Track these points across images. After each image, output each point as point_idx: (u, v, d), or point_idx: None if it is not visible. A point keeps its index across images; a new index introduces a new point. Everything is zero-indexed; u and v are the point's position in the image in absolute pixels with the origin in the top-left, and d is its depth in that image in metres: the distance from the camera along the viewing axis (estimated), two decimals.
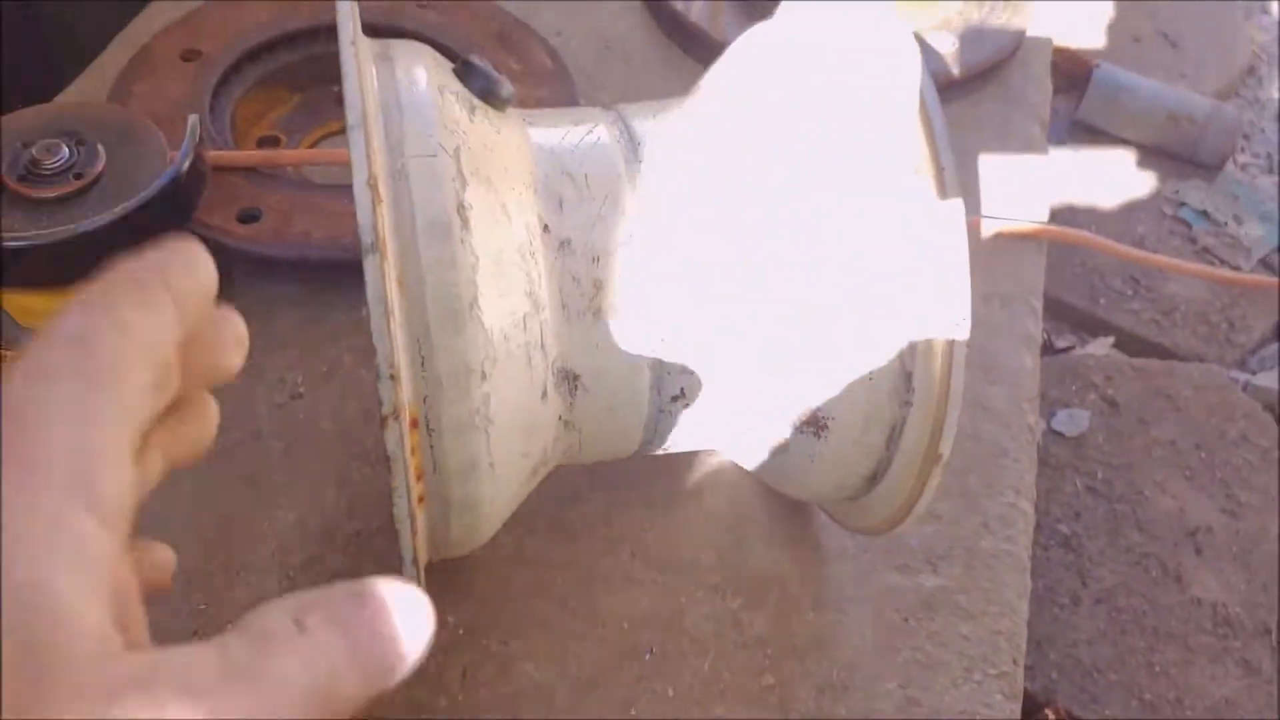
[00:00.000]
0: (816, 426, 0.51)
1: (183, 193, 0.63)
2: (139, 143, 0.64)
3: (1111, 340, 1.11)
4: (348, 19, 0.48)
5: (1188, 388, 1.02)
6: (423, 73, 0.49)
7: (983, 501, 0.67)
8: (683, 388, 0.51)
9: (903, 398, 0.50)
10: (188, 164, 0.62)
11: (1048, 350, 1.08)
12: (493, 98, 0.50)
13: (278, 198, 0.73)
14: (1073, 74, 1.26)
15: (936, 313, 0.48)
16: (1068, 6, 1.39)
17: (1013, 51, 0.98)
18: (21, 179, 0.61)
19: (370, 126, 0.44)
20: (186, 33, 0.84)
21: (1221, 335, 1.10)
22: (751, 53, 0.56)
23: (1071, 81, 1.26)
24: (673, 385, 0.51)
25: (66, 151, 0.62)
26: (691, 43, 0.95)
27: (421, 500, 0.46)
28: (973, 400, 0.73)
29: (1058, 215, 1.18)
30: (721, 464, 0.66)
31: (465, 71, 0.50)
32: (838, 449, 0.51)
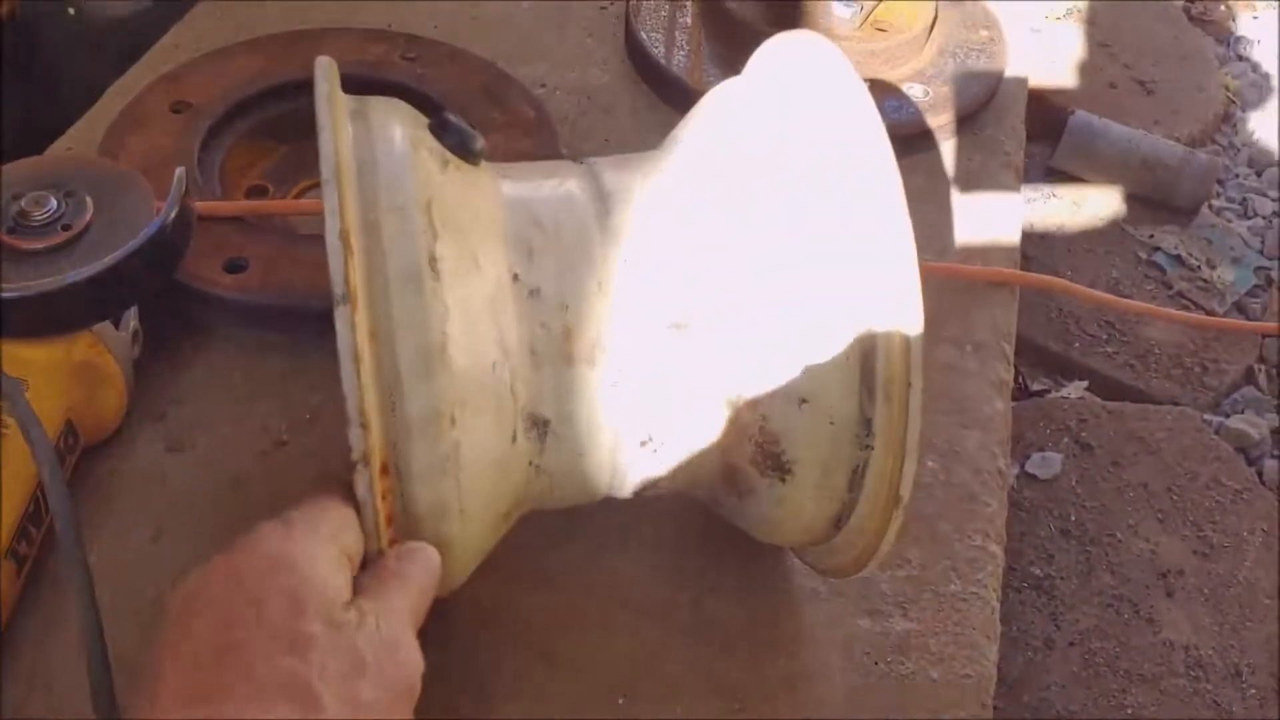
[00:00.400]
0: (781, 471, 0.52)
1: (169, 244, 0.64)
2: (126, 194, 0.66)
3: (1085, 384, 1.13)
4: (324, 76, 0.50)
5: (1161, 430, 1.03)
6: (397, 129, 0.50)
7: (953, 545, 0.69)
8: (650, 433, 0.53)
9: (863, 441, 0.51)
10: (174, 215, 0.64)
11: (1022, 394, 1.10)
12: (466, 152, 0.52)
13: (264, 247, 0.74)
14: (1048, 120, 1.29)
15: (891, 341, 0.50)
16: (1043, 53, 1.42)
17: (987, 100, 1.01)
18: (10, 231, 0.63)
19: (344, 181, 0.46)
20: (176, 86, 0.85)
21: (1195, 379, 1.11)
22: (717, 107, 0.58)
23: (1046, 128, 1.28)
24: (641, 430, 0.53)
25: (54, 203, 0.64)
26: (672, 94, 0.97)
27: (393, 544, 0.47)
28: (944, 445, 0.74)
29: (1032, 260, 1.20)
30: (696, 511, 0.67)
31: (440, 127, 0.52)
32: (802, 492, 0.53)
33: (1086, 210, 1.28)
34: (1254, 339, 1.17)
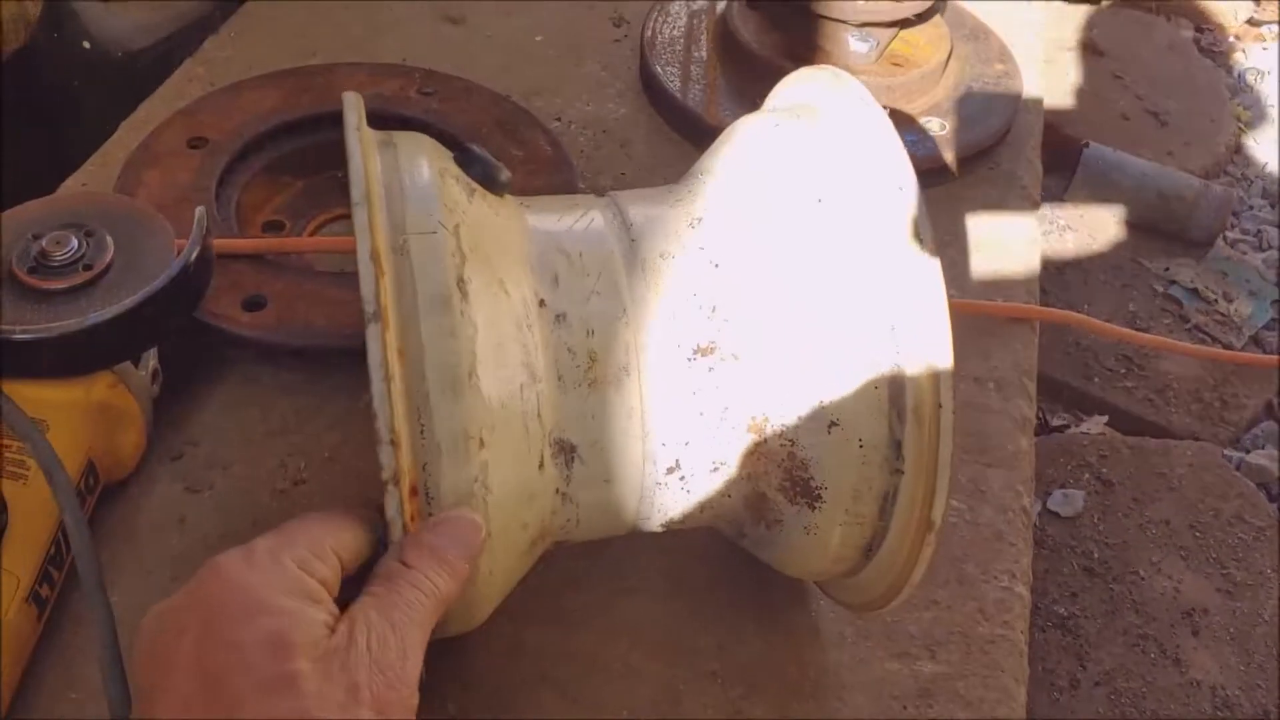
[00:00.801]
0: (810, 497, 0.52)
1: (190, 284, 0.63)
2: (146, 233, 0.65)
3: (1105, 419, 1.12)
4: (353, 107, 0.50)
5: (1182, 466, 1.02)
6: (424, 158, 0.51)
7: (980, 586, 0.68)
8: (678, 459, 0.52)
9: (893, 465, 0.51)
10: (195, 255, 0.63)
11: (1042, 429, 1.09)
12: (491, 183, 0.52)
13: (282, 285, 0.74)
14: (1062, 152, 1.28)
15: (920, 363, 0.49)
16: (1056, 85, 1.42)
17: (1003, 134, 1.00)
18: (31, 270, 0.62)
19: (373, 203, 0.46)
20: (193, 121, 0.85)
21: (1215, 413, 1.11)
22: (741, 139, 0.58)
23: (1060, 160, 1.28)
24: (668, 457, 0.52)
25: (75, 243, 0.63)
26: (688, 128, 0.97)
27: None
28: (969, 484, 0.73)
29: (1048, 293, 1.20)
30: (720, 551, 0.66)
31: (464, 158, 0.53)
32: (831, 520, 0.52)
33: (1101, 243, 1.28)
34: (1273, 373, 1.17)
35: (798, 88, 0.60)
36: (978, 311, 0.84)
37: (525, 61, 1.05)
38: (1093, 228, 1.29)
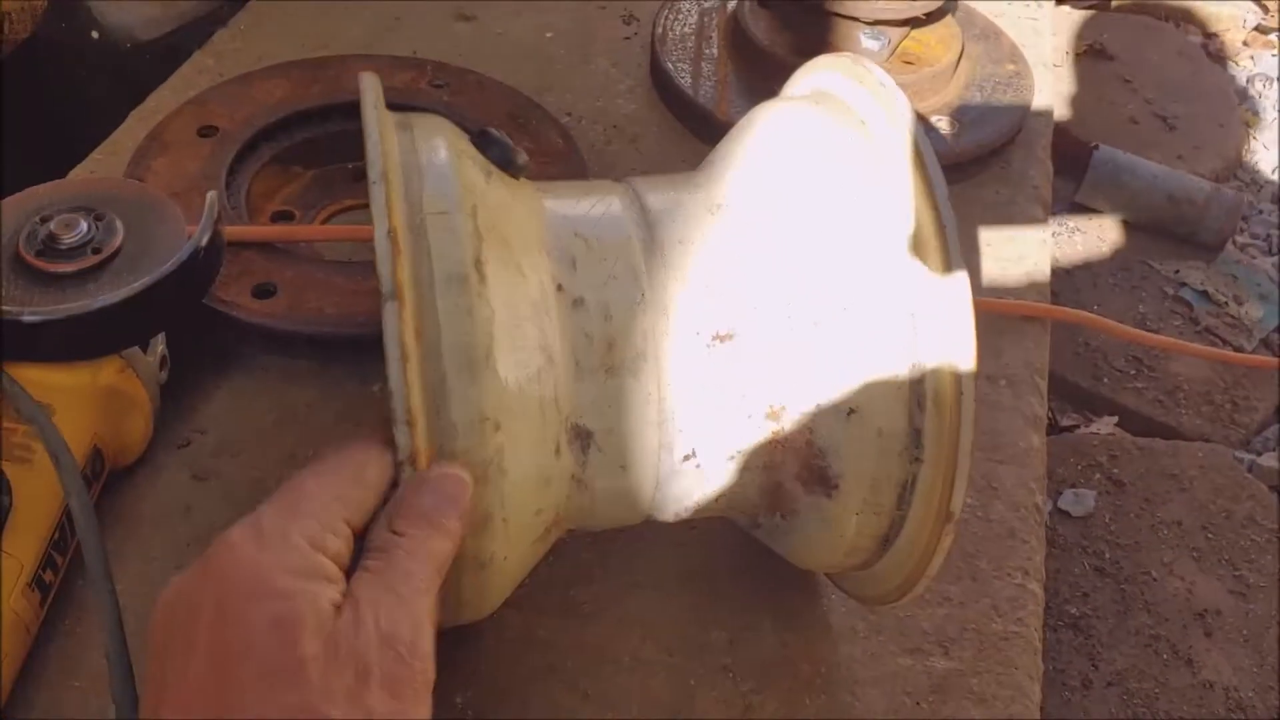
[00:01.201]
0: (827, 486, 0.51)
1: (200, 269, 0.63)
2: (157, 218, 0.65)
3: (1115, 419, 1.11)
4: (370, 87, 0.50)
5: (1193, 468, 1.02)
6: (441, 139, 0.50)
7: (992, 583, 0.67)
8: (694, 447, 0.52)
9: (912, 454, 0.50)
10: (206, 240, 0.63)
11: (1051, 429, 1.09)
12: (509, 166, 0.52)
13: (291, 273, 0.73)
14: (1072, 155, 1.28)
15: (941, 352, 0.49)
16: (1064, 88, 1.42)
17: (1014, 134, 1.00)
18: (39, 253, 0.61)
19: (391, 182, 0.46)
20: (203, 110, 0.85)
21: (1225, 415, 1.10)
22: (759, 126, 0.57)
23: (1071, 162, 1.28)
24: (684, 444, 0.51)
25: (85, 226, 0.62)
26: (698, 124, 0.97)
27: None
28: (980, 480, 0.73)
29: (1058, 295, 1.19)
30: (732, 545, 0.66)
31: (482, 141, 0.52)
32: (848, 509, 0.52)
33: (1110, 245, 1.28)
34: None
35: (817, 75, 0.60)
36: (990, 309, 0.84)
37: (536, 58, 1.04)
38: (1102, 230, 1.29)
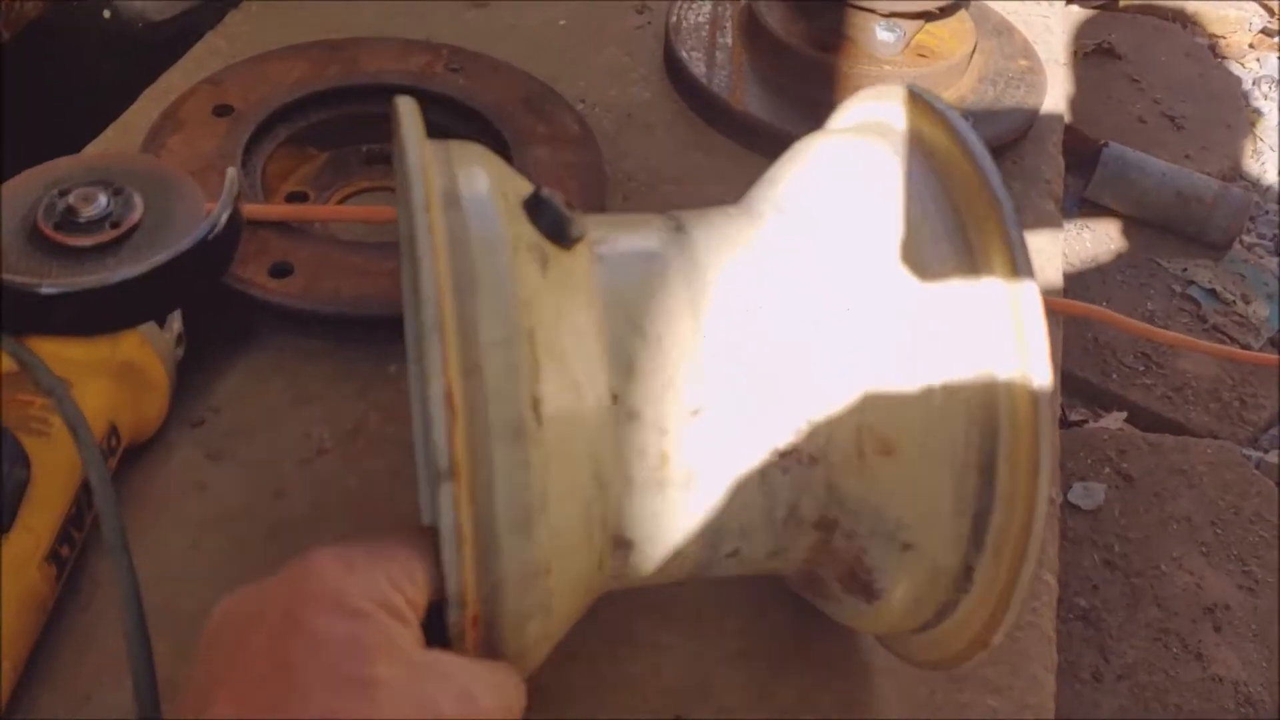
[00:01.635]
0: (869, 596, 0.51)
1: (219, 245, 0.63)
2: (176, 194, 0.65)
3: (1124, 415, 1.11)
4: (419, 178, 0.43)
5: (1201, 464, 1.02)
6: (497, 223, 0.45)
7: None
8: (739, 547, 0.50)
9: (962, 586, 0.48)
10: (225, 217, 0.62)
11: (1061, 424, 1.09)
12: (560, 237, 0.47)
13: (308, 253, 0.73)
14: (1082, 152, 1.28)
15: (1010, 494, 0.46)
16: (1072, 87, 1.42)
17: (1026, 129, 1.00)
18: (57, 226, 0.61)
19: (448, 335, 0.40)
20: (219, 89, 0.85)
21: (1233, 413, 1.10)
22: (820, 180, 0.53)
23: (1080, 159, 1.28)
24: (728, 545, 0.50)
25: (104, 200, 0.62)
26: (713, 114, 0.96)
27: None
28: None
29: (1067, 292, 1.19)
30: None
31: (535, 207, 0.47)
32: (887, 615, 0.51)
33: (1119, 243, 1.28)
34: None
35: (869, 108, 0.56)
36: None
37: (548, 46, 1.04)
38: (1109, 228, 1.29)
